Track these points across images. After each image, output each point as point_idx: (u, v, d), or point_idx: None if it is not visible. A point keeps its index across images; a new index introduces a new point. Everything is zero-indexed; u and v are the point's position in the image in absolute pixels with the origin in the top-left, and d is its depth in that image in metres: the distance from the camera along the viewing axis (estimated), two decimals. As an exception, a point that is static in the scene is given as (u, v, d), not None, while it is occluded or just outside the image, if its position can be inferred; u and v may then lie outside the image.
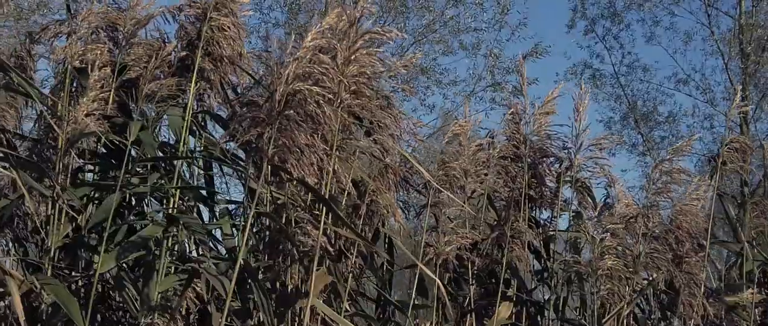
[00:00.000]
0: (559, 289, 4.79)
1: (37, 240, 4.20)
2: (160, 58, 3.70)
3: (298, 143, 3.12)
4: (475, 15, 19.30)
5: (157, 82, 3.64)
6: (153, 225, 3.58)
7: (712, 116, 21.16)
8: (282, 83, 3.20)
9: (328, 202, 3.32)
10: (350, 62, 3.52)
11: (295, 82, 3.20)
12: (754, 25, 19.41)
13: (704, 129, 21.29)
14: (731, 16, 20.19)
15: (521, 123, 4.89)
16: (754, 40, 19.46)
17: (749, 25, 19.39)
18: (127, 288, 3.72)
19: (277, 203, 3.57)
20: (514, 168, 4.80)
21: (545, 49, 19.20)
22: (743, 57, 19.60)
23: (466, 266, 4.67)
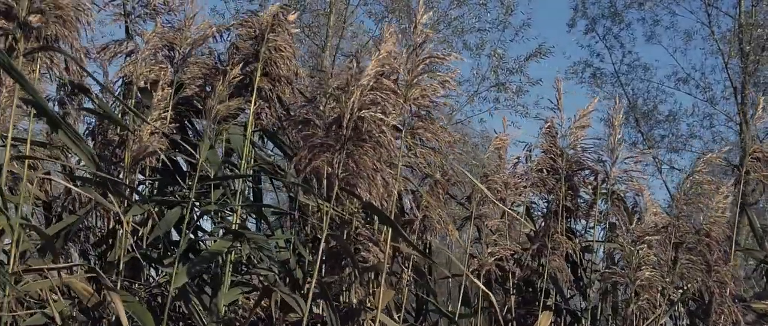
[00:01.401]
0: (595, 299, 4.96)
1: (98, 253, 4.36)
2: (228, 80, 3.84)
3: (366, 168, 3.27)
4: (479, 15, 19.45)
5: (225, 104, 3.78)
6: (221, 240, 3.72)
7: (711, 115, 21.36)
8: (348, 110, 3.35)
9: (394, 224, 3.47)
10: (412, 86, 3.67)
11: (361, 109, 3.35)
12: (753, 25, 19.60)
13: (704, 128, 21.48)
14: (731, 16, 20.39)
15: (557, 136, 5.05)
16: (754, 40, 19.65)
17: (749, 25, 19.58)
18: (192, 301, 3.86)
19: (340, 221, 3.72)
20: (551, 181, 4.96)
21: (549, 50, 19.39)
22: (743, 56, 19.79)
23: (506, 276, 4.83)
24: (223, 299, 3.78)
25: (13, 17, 2.81)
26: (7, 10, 2.83)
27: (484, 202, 4.73)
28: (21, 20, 2.80)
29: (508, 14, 19.09)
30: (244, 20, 4.58)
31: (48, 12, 2.83)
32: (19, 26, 2.79)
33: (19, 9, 2.83)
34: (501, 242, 4.69)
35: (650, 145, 21.76)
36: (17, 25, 2.80)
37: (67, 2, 2.88)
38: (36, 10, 2.84)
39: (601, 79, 22.08)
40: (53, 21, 2.88)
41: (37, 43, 2.88)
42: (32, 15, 2.83)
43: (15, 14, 2.81)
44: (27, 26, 2.79)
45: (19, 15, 2.81)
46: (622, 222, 4.73)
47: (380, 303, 3.53)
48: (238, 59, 4.44)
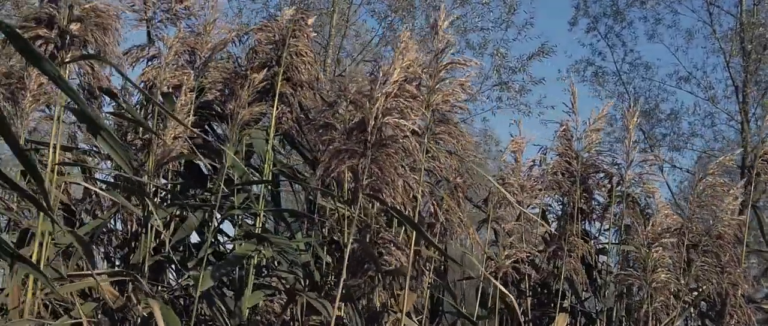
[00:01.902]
0: (610, 301, 5.01)
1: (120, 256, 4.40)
2: (252, 85, 3.88)
3: (391, 173, 3.32)
4: (482, 15, 19.46)
5: (250, 109, 3.82)
6: (246, 244, 3.77)
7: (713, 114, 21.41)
8: (372, 117, 3.39)
9: (420, 228, 3.52)
10: (435, 91, 3.72)
11: (385, 115, 3.40)
12: (755, 24, 19.64)
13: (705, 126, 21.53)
14: (733, 15, 20.42)
15: (573, 140, 5.10)
16: (756, 38, 19.68)
17: (750, 24, 19.62)
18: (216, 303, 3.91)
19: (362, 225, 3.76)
20: (566, 184, 5.00)
21: (552, 49, 19.43)
22: (744, 55, 19.84)
23: (522, 278, 4.88)
24: (246, 302, 3.82)
25: (55, 26, 2.85)
26: (49, 19, 2.86)
27: (501, 205, 4.77)
28: (62, 29, 2.84)
29: (510, 13, 19.12)
30: (264, 24, 4.63)
31: (87, 20, 2.86)
32: (60, 35, 2.83)
33: (60, 18, 2.87)
34: (517, 244, 4.73)
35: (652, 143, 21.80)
36: (58, 33, 2.84)
37: (105, 10, 2.92)
38: (77, 18, 2.88)
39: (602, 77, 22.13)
40: (92, 29, 2.92)
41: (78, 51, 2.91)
42: (73, 23, 2.87)
43: (56, 23, 2.85)
44: (68, 34, 2.83)
45: (60, 24, 2.85)
46: (637, 224, 4.77)
47: (405, 307, 3.58)
48: (257, 64, 4.48)
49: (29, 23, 2.84)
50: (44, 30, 2.84)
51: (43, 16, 2.87)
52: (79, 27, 2.87)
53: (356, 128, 3.64)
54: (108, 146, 2.65)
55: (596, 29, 21.56)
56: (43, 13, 2.87)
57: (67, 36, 2.83)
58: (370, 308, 3.70)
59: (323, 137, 4.20)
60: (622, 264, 4.99)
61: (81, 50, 2.95)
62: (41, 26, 2.85)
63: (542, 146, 5.14)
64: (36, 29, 2.83)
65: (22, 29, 2.70)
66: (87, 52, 3.07)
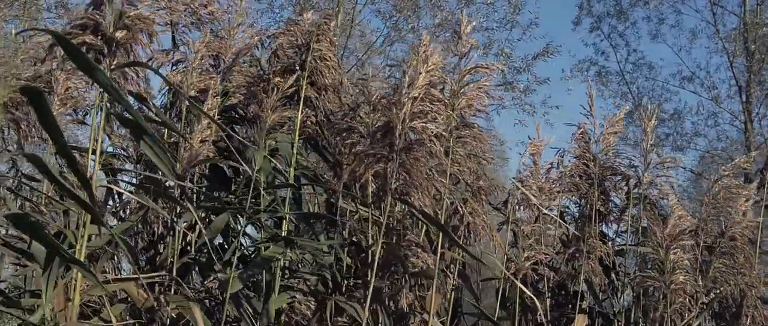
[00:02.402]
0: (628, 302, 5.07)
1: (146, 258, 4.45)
2: (281, 90, 3.93)
3: (419, 177, 3.37)
4: (487, 15, 19.51)
5: (278, 114, 3.87)
6: (274, 247, 3.82)
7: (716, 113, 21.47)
8: (400, 122, 3.45)
9: (447, 230, 3.57)
10: (459, 96, 3.77)
11: (413, 120, 3.45)
12: (759, 24, 19.69)
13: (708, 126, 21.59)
14: (736, 15, 20.49)
15: (591, 142, 5.15)
16: (759, 38, 19.75)
17: (754, 24, 19.67)
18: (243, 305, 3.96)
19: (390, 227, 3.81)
20: (584, 186, 5.05)
21: (556, 49, 19.48)
22: (748, 55, 19.89)
23: (540, 279, 4.93)
24: (274, 304, 3.87)
25: (101, 33, 2.90)
26: (94, 26, 2.91)
27: (520, 206, 4.83)
28: (108, 36, 2.88)
29: (515, 13, 19.18)
30: (287, 28, 4.68)
31: (134, 27, 2.91)
32: (105, 42, 2.88)
33: (106, 25, 2.92)
34: (536, 246, 4.78)
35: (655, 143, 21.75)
36: (104, 40, 2.88)
37: (149, 18, 2.97)
38: (122, 26, 2.93)
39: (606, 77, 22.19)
40: (138, 36, 2.96)
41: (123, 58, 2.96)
42: (118, 31, 2.91)
43: (102, 30, 2.90)
44: (113, 41, 2.88)
45: (106, 31, 2.90)
46: (655, 226, 4.82)
47: (432, 308, 3.63)
48: (280, 68, 4.53)
49: (75, 30, 2.89)
50: (90, 37, 2.89)
51: (88, 23, 2.91)
52: (125, 34, 2.92)
53: (382, 132, 3.69)
54: (151, 151, 2.69)
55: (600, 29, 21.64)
56: (88, 20, 2.92)
57: (113, 43, 2.88)
58: (398, 309, 3.75)
59: (346, 140, 4.25)
60: (640, 266, 5.04)
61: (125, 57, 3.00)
62: (87, 33, 2.90)
63: (560, 148, 5.19)
64: (82, 36, 2.87)
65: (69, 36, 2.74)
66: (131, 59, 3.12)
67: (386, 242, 3.61)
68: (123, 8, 2.94)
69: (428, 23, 19.51)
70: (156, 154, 2.74)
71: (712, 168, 21.70)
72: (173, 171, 2.81)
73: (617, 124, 5.12)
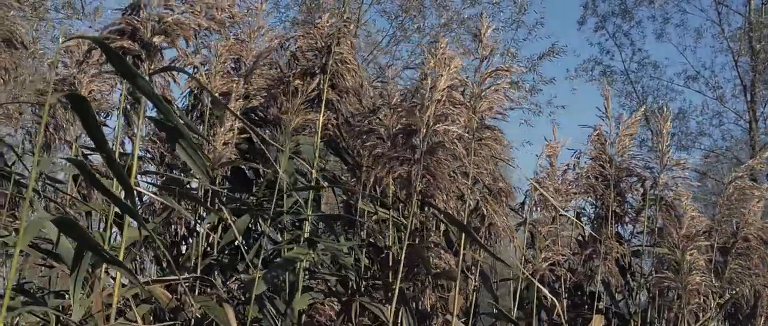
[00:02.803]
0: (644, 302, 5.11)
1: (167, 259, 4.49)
2: (305, 94, 3.97)
3: (443, 179, 3.41)
4: (493, 15, 19.53)
5: (303, 117, 3.92)
6: (297, 248, 3.86)
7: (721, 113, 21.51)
8: (424, 125, 3.50)
9: (471, 232, 3.61)
10: (480, 98, 3.81)
11: (436, 123, 3.50)
12: (763, 23, 19.72)
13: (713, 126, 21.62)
14: (741, 14, 20.53)
15: (606, 144, 5.19)
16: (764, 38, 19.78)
17: (759, 23, 19.70)
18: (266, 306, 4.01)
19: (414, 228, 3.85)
20: (600, 187, 5.10)
21: (562, 49, 19.51)
22: (753, 54, 19.93)
23: (557, 280, 4.97)
24: (298, 304, 3.92)
25: (138, 38, 2.94)
26: (132, 31, 2.95)
27: (537, 207, 4.87)
28: (145, 41, 2.92)
29: (521, 13, 19.21)
30: (306, 31, 4.72)
31: (173, 33, 2.95)
32: (143, 47, 2.92)
33: (144, 30, 2.96)
34: (553, 247, 4.82)
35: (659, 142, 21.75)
36: (141, 45, 2.93)
37: (187, 23, 3.01)
38: (162, 31, 2.97)
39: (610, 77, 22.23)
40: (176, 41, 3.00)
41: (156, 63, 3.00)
42: (156, 36, 2.95)
43: (140, 36, 2.94)
44: (151, 46, 2.92)
45: (143, 36, 2.94)
46: (673, 227, 4.87)
47: (455, 309, 3.68)
48: (299, 70, 4.58)
49: (112, 35, 2.93)
50: (128, 42, 2.93)
51: (126, 28, 2.96)
52: (162, 39, 2.96)
53: (404, 135, 3.74)
54: (186, 155, 2.74)
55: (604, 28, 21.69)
56: (126, 26, 2.96)
57: (150, 48, 2.92)
58: (421, 310, 3.80)
59: (366, 143, 4.30)
60: (656, 267, 5.08)
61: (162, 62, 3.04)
62: (124, 38, 2.94)
63: (576, 150, 5.24)
64: (119, 41, 2.91)
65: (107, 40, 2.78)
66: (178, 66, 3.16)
67: (410, 244, 3.65)
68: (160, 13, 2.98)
69: (434, 23, 19.55)
70: (191, 157, 2.78)
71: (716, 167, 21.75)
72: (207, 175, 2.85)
73: (633, 126, 5.16)
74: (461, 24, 19.65)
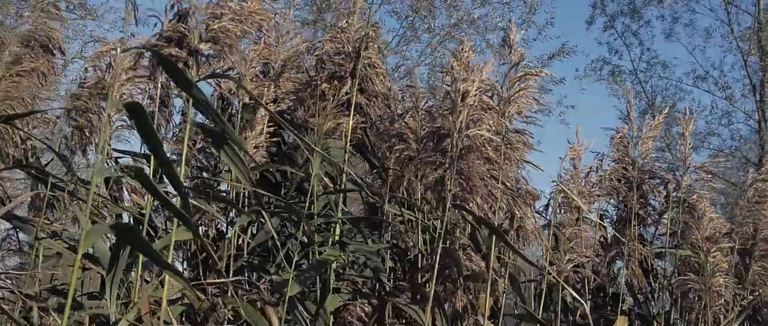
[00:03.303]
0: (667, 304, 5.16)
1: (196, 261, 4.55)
2: (337, 99, 4.03)
3: (476, 183, 3.47)
4: (503, 15, 19.56)
5: (334, 121, 3.98)
6: (329, 250, 3.92)
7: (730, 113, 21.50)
8: (456, 130, 3.55)
9: (503, 235, 3.66)
10: (509, 102, 3.87)
11: (468, 128, 3.55)
12: (773, 23, 19.70)
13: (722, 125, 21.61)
14: (750, 14, 20.51)
15: (629, 146, 5.24)
16: (773, 37, 19.75)
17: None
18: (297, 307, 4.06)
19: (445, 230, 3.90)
20: (623, 190, 5.14)
21: (572, 49, 19.53)
22: (762, 54, 19.91)
23: (581, 282, 5.02)
24: (329, 305, 3.97)
25: (186, 45, 3.00)
26: (179, 38, 3.01)
27: (561, 209, 4.91)
28: (192, 48, 2.98)
29: (531, 13, 19.23)
30: (333, 36, 4.78)
31: (222, 40, 3.01)
32: (190, 54, 2.98)
33: (191, 37, 3.02)
34: (577, 249, 4.86)
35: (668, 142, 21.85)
36: (189, 52, 2.98)
37: (233, 31, 3.07)
38: (210, 39, 3.02)
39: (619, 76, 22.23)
40: (225, 49, 3.06)
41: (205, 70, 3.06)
42: (203, 43, 3.01)
43: (188, 43, 3.00)
44: (198, 54, 2.98)
45: (191, 43, 3.00)
46: (695, 228, 4.91)
47: (486, 310, 3.73)
48: (327, 74, 4.64)
49: (160, 42, 2.99)
50: (175, 49, 2.98)
51: (173, 35, 3.01)
52: (210, 46, 3.02)
53: (435, 139, 3.80)
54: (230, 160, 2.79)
55: (613, 28, 21.70)
56: (174, 33, 3.02)
57: (197, 55, 2.98)
58: (453, 312, 3.85)
59: (395, 146, 4.36)
60: (679, 269, 5.12)
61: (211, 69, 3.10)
62: (172, 45, 3.00)
63: (598, 153, 5.28)
64: (167, 48, 2.97)
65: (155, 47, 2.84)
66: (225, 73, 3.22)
67: (444, 247, 3.70)
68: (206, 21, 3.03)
69: (444, 23, 19.59)
70: (234, 163, 2.83)
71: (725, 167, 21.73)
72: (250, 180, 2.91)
73: (655, 128, 5.21)
74: (471, 24, 19.72)
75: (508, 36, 4.04)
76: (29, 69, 3.65)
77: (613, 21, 21.76)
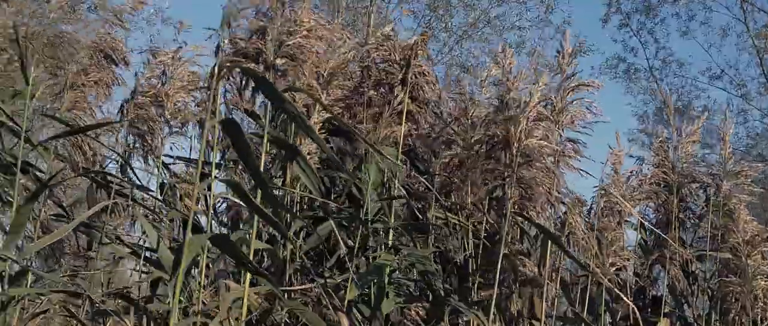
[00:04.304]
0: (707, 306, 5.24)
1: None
2: (392, 107, 4.12)
3: (537, 192, 3.56)
4: (520, 14, 19.61)
5: (391, 129, 4.07)
6: (385, 254, 4.02)
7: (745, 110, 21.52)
8: (516, 140, 3.65)
9: (560, 242, 3.76)
10: (563, 112, 3.96)
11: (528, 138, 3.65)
12: (788, 22, 19.71)
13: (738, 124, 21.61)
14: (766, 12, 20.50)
15: (669, 151, 5.32)
16: (789, 36, 19.77)
17: (784, 21, 19.69)
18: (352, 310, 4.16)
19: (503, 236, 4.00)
20: (664, 194, 5.23)
21: (589, 48, 19.58)
22: (778, 53, 19.91)
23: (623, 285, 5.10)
24: (385, 308, 4.07)
25: (261, 60, 3.09)
26: (256, 54, 3.11)
27: (603, 213, 4.99)
28: (269, 63, 3.08)
29: (548, 12, 19.28)
30: (379, 44, 4.87)
31: (298, 56, 3.10)
32: (266, 68, 3.07)
33: (268, 53, 3.11)
34: (620, 252, 4.95)
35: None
36: (265, 67, 3.08)
37: (308, 47, 3.16)
38: (288, 55, 3.12)
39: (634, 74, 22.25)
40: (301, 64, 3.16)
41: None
42: (279, 59, 3.11)
43: (264, 58, 3.09)
44: (274, 69, 3.07)
45: (267, 59, 3.10)
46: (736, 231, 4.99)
47: (542, 314, 3.82)
48: (373, 81, 4.74)
49: (238, 57, 3.08)
50: (252, 64, 3.08)
51: (250, 51, 3.11)
52: (286, 62, 3.11)
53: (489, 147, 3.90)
54: (301, 171, 2.89)
55: (628, 26, 21.73)
56: (250, 49, 3.11)
57: (273, 69, 3.07)
58: (509, 316, 3.95)
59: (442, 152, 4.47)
60: (719, 272, 5.20)
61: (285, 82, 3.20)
62: (249, 61, 3.09)
63: (638, 157, 5.37)
64: (245, 63, 3.07)
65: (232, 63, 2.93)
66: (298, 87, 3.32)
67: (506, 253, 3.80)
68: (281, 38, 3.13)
69: (461, 22, 19.67)
70: (305, 173, 2.93)
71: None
72: (320, 190, 3.01)
73: (695, 134, 5.29)
74: (488, 23, 19.79)
75: (562, 47, 4.13)
76: (96, 79, 3.75)
77: (629, 19, 21.81)
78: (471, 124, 4.38)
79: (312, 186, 2.97)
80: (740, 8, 20.90)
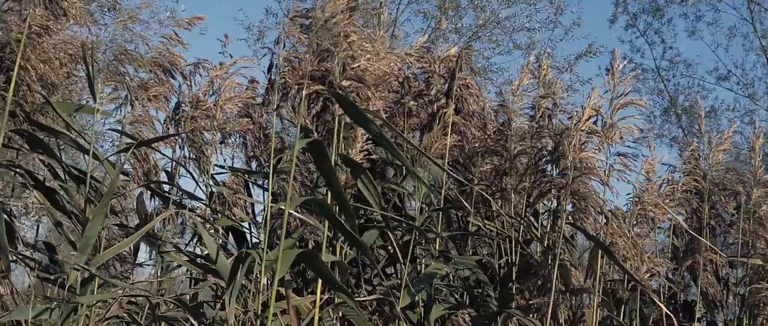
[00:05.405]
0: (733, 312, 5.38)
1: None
2: (443, 121, 4.25)
3: (591, 204, 3.69)
4: (530, 15, 19.71)
5: (442, 141, 4.20)
6: (436, 263, 4.15)
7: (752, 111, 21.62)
8: (570, 153, 3.78)
9: (611, 253, 3.89)
10: (612, 127, 4.10)
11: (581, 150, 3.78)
12: (795, 22, 19.81)
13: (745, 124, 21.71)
14: (774, 12, 20.62)
15: (700, 159, 5.44)
16: (797, 37, 19.86)
17: (790, 22, 19.79)
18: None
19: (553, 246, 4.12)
20: (695, 201, 5.35)
21: (598, 49, 19.68)
22: (785, 53, 20.01)
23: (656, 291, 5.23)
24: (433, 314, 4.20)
25: (327, 83, 3.21)
26: (321, 76, 3.22)
27: (638, 221, 5.12)
28: (335, 86, 3.19)
29: (558, 14, 19.38)
30: (420, 56, 5.00)
31: (364, 79, 3.22)
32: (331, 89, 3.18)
33: (334, 76, 3.23)
34: (654, 259, 5.07)
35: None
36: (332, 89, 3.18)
37: (372, 70, 3.27)
38: (356, 78, 3.24)
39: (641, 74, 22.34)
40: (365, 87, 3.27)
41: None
42: (346, 81, 3.22)
43: (330, 80, 3.21)
44: (341, 90, 3.19)
45: (334, 81, 3.21)
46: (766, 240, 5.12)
47: (594, 323, 3.95)
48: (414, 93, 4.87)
49: (305, 80, 3.20)
50: (319, 86, 3.19)
51: (316, 74, 3.22)
52: (352, 84, 3.23)
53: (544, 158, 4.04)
54: (365, 187, 3.01)
55: (635, 26, 21.85)
56: (316, 71, 3.23)
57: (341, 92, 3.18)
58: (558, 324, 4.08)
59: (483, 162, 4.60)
60: (750, 278, 5.32)
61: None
62: (316, 83, 3.21)
63: (670, 165, 5.48)
64: (312, 86, 3.18)
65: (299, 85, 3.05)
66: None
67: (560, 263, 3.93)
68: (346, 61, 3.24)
69: (471, 23, 19.78)
70: (367, 188, 3.05)
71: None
72: (382, 205, 3.13)
73: (726, 142, 5.41)
74: (498, 24, 19.89)
75: (612, 64, 4.26)
76: (156, 94, 3.88)
77: (636, 19, 21.92)
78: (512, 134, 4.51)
79: (373, 201, 3.09)
80: (747, 9, 20.99)
